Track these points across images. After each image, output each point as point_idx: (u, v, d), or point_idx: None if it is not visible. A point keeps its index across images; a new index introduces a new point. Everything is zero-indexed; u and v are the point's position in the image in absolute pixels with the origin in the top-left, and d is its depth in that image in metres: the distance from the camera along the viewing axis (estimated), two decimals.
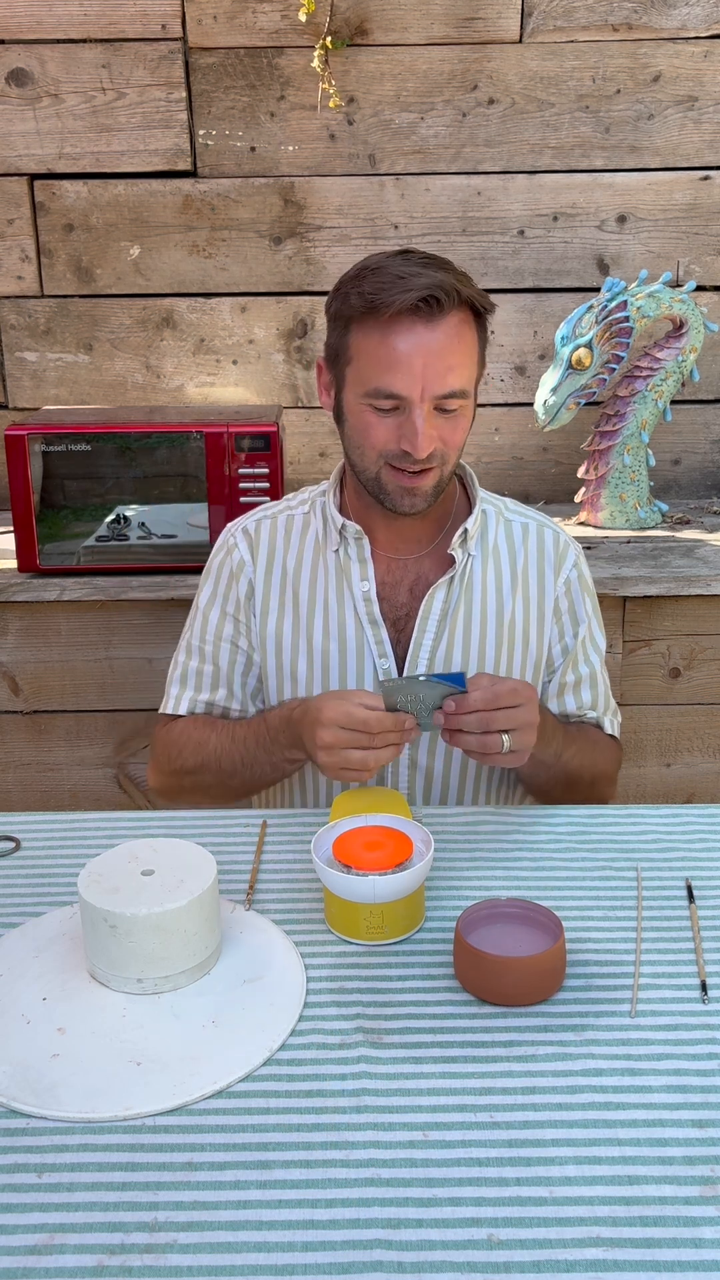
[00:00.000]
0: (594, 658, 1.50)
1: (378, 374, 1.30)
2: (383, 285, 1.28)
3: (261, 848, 1.28)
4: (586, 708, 1.50)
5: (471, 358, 1.33)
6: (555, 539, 1.49)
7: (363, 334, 1.31)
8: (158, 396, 2.39)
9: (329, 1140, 0.87)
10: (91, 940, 1.03)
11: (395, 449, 1.32)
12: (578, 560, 1.50)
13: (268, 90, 2.23)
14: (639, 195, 2.29)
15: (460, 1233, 0.79)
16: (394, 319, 1.28)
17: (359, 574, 1.44)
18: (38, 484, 2.01)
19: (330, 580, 1.45)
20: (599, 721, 1.51)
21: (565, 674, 1.49)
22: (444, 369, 1.29)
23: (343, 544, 1.44)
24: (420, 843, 1.15)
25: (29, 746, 2.14)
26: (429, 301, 1.26)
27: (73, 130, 2.25)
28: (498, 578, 1.46)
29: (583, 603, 1.49)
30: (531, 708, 1.23)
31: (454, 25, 2.20)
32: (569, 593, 1.48)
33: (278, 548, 1.48)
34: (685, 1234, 0.79)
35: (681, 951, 1.10)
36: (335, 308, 1.35)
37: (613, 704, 1.54)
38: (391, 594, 1.45)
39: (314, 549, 1.47)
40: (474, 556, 1.45)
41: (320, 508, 1.48)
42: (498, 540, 1.47)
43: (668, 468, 2.42)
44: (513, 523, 1.49)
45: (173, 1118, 0.90)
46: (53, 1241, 0.79)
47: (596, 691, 1.51)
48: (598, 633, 1.51)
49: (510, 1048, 0.97)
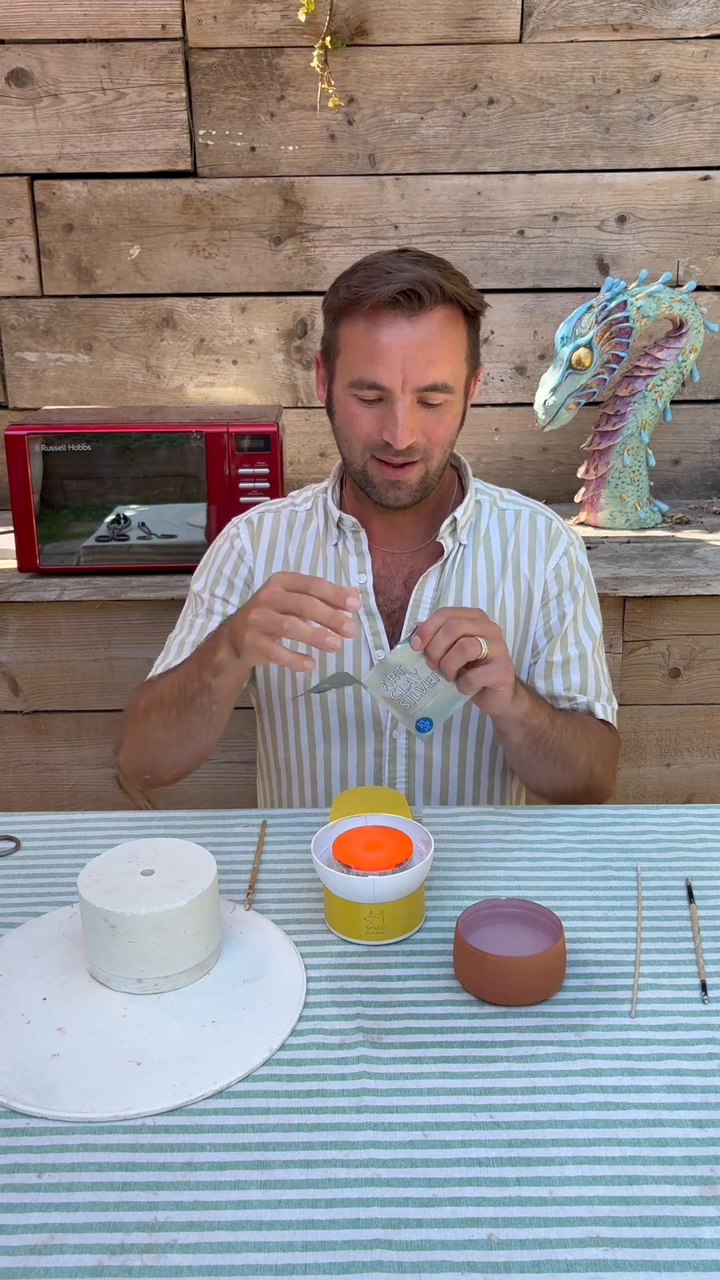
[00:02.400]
0: (585, 640, 1.48)
1: (361, 365, 1.32)
2: (368, 279, 1.31)
3: (261, 848, 1.28)
4: (575, 690, 1.46)
5: (458, 354, 1.34)
6: (547, 525, 1.50)
7: (349, 326, 1.33)
8: (158, 396, 2.39)
9: (329, 1140, 0.87)
10: (91, 940, 1.03)
11: (378, 439, 1.34)
12: (569, 547, 1.49)
13: (268, 90, 2.23)
14: (639, 195, 2.29)
15: (460, 1233, 0.79)
16: (376, 311, 1.30)
17: (356, 566, 1.46)
18: (38, 484, 2.01)
19: (329, 573, 1.47)
20: (590, 706, 1.47)
21: (553, 653, 1.46)
22: (425, 362, 1.30)
23: (341, 537, 1.46)
24: (420, 843, 1.15)
25: (29, 746, 2.14)
26: (409, 295, 1.28)
27: (73, 130, 2.25)
28: (489, 564, 1.47)
29: (573, 588, 1.48)
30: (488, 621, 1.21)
31: (454, 25, 2.20)
32: (558, 578, 1.47)
33: (279, 540, 1.49)
34: (685, 1234, 0.79)
35: (681, 951, 1.10)
36: (328, 301, 1.38)
37: (606, 690, 1.50)
38: (387, 587, 1.47)
39: (315, 543, 1.48)
40: (465, 545, 1.46)
41: (322, 504, 1.50)
42: (489, 528, 1.48)
43: (668, 468, 2.43)
44: (506, 510, 1.50)
45: (172, 1118, 0.90)
46: (53, 1241, 0.79)
47: (586, 673, 1.47)
48: (592, 616, 1.50)
49: (510, 1048, 0.97)
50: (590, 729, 1.44)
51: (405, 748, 1.47)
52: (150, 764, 1.42)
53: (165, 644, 1.52)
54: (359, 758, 1.47)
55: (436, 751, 1.47)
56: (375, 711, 1.46)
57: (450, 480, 1.50)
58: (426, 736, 1.45)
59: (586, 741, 1.42)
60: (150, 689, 1.43)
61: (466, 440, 2.36)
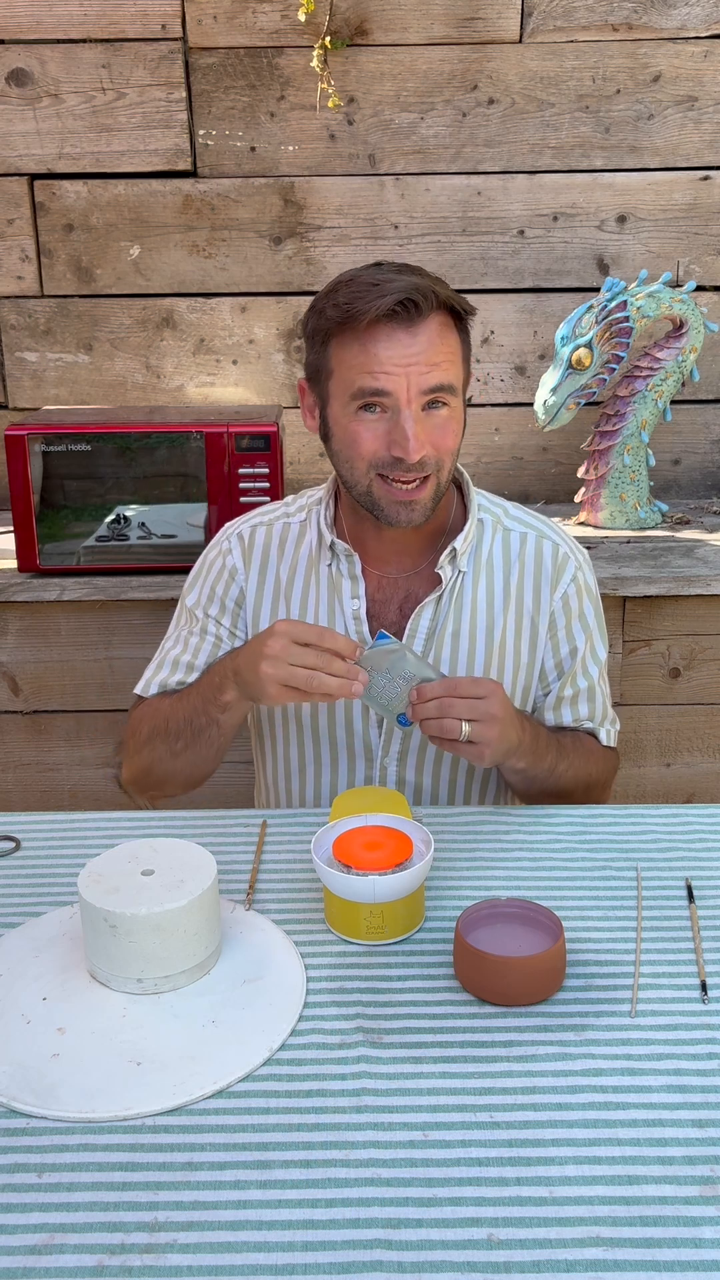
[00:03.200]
0: (593, 670, 1.46)
1: (361, 376, 1.28)
2: (357, 294, 1.26)
3: (261, 848, 1.28)
4: (584, 719, 1.47)
5: (456, 358, 1.31)
6: (554, 551, 1.44)
7: (342, 345, 1.29)
8: (158, 396, 2.39)
9: (329, 1140, 0.87)
10: (91, 940, 1.03)
11: (385, 455, 1.29)
12: (577, 572, 1.45)
13: (268, 90, 2.23)
14: (639, 195, 2.29)
15: (460, 1233, 0.79)
16: (372, 326, 1.26)
17: (349, 591, 1.42)
18: (38, 484, 2.01)
19: (322, 595, 1.43)
20: (595, 732, 1.48)
21: (564, 688, 1.46)
22: (428, 367, 1.27)
23: (334, 560, 1.42)
24: (420, 843, 1.15)
25: (29, 746, 2.14)
26: (406, 305, 1.25)
27: (73, 130, 2.25)
28: (489, 594, 1.42)
29: (582, 617, 1.45)
30: (494, 701, 1.22)
31: (454, 25, 2.20)
32: (566, 608, 1.44)
33: (271, 557, 1.46)
34: (685, 1234, 0.79)
35: (681, 951, 1.10)
36: (312, 325, 1.33)
37: (610, 713, 1.50)
38: (382, 611, 1.43)
39: (308, 561, 1.44)
40: (465, 573, 1.42)
41: (316, 518, 1.45)
42: (492, 553, 1.44)
43: (668, 468, 2.43)
44: (511, 532, 1.45)
45: (172, 1118, 0.90)
46: (53, 1241, 0.79)
47: (594, 704, 1.47)
48: (599, 644, 1.47)
49: (510, 1048, 0.97)
50: (594, 758, 1.46)
51: (395, 774, 1.45)
52: (156, 784, 1.45)
53: (157, 653, 1.51)
54: (349, 783, 1.47)
55: (426, 778, 1.45)
56: (366, 738, 1.44)
57: (450, 495, 1.46)
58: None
59: (588, 774, 1.44)
60: (154, 714, 1.43)
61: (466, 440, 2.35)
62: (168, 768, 1.42)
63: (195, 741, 1.38)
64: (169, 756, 1.40)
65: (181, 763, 1.41)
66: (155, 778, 1.44)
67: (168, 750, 1.40)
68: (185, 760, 1.40)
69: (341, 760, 1.46)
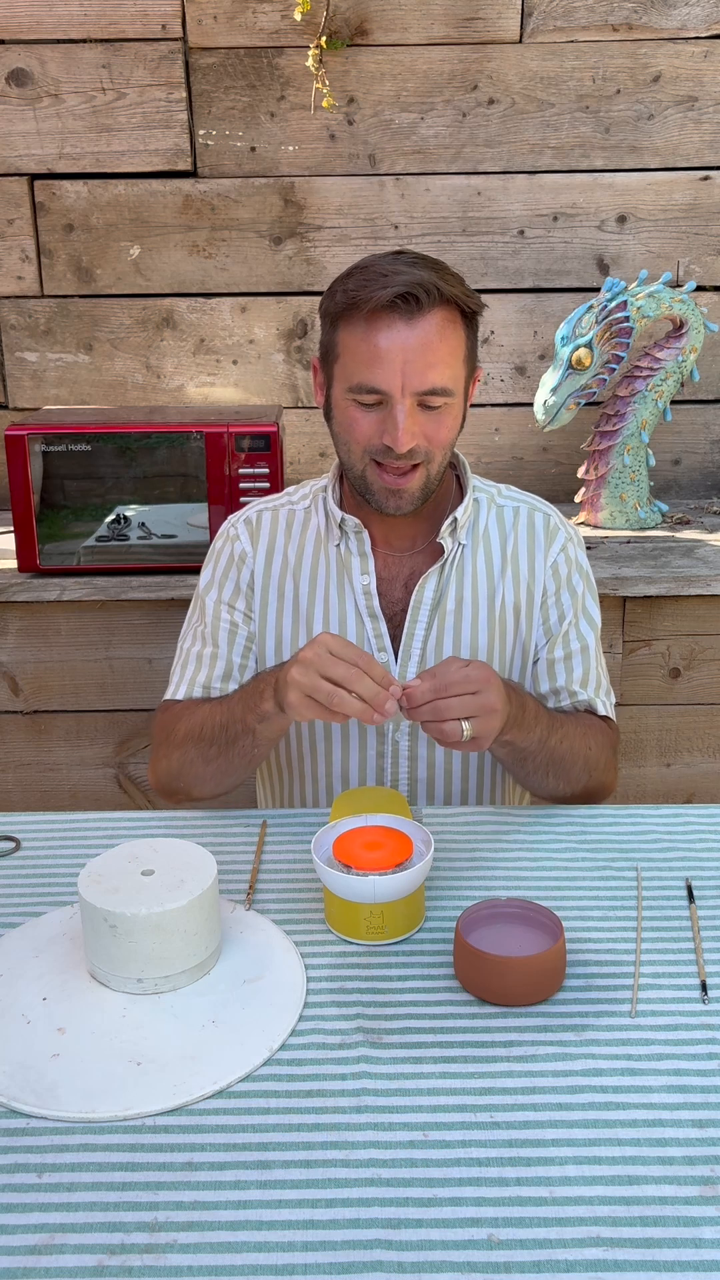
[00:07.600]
0: (587, 632, 1.48)
1: (360, 369, 1.31)
2: (365, 282, 1.30)
3: (261, 848, 1.28)
4: (577, 683, 1.46)
5: (457, 356, 1.33)
6: (545, 520, 1.50)
7: (347, 330, 1.32)
8: (158, 396, 2.39)
9: (329, 1140, 0.87)
10: (91, 940, 1.03)
11: (378, 444, 1.33)
12: (567, 543, 1.49)
13: (268, 90, 2.23)
14: (639, 195, 2.29)
15: (460, 1233, 0.79)
16: (374, 315, 1.29)
17: (359, 567, 1.45)
18: (38, 484, 2.01)
19: (331, 574, 1.46)
20: (590, 703, 1.47)
21: (554, 649, 1.47)
22: (424, 365, 1.29)
23: (343, 538, 1.45)
24: (420, 843, 1.15)
25: (29, 746, 2.14)
26: (407, 299, 1.27)
27: (73, 130, 2.25)
28: (488, 563, 1.46)
29: (570, 584, 1.48)
30: (489, 693, 1.20)
31: (454, 25, 2.20)
32: (555, 575, 1.47)
33: (278, 540, 1.48)
34: (685, 1234, 0.79)
35: (681, 951, 1.10)
36: (325, 305, 1.37)
37: (605, 683, 1.50)
38: (388, 589, 1.46)
39: (315, 543, 1.47)
40: (464, 545, 1.46)
41: (321, 502, 1.49)
42: (489, 526, 1.48)
43: (668, 468, 2.43)
44: (504, 508, 1.50)
45: (173, 1118, 0.90)
46: (53, 1241, 0.79)
47: (588, 666, 1.47)
48: (592, 608, 1.50)
49: (510, 1048, 0.97)
50: (591, 730, 1.44)
51: (407, 749, 1.46)
52: (185, 789, 1.44)
53: (178, 652, 1.51)
54: (360, 759, 1.47)
55: (439, 753, 1.47)
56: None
57: (449, 480, 1.50)
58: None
59: (586, 748, 1.41)
60: (189, 716, 1.42)
61: (466, 440, 2.36)
62: (198, 772, 1.41)
63: (229, 749, 1.37)
64: (201, 762, 1.40)
65: (214, 768, 1.40)
66: (185, 781, 1.43)
67: (200, 755, 1.39)
68: (216, 767, 1.39)
69: (354, 736, 1.47)
